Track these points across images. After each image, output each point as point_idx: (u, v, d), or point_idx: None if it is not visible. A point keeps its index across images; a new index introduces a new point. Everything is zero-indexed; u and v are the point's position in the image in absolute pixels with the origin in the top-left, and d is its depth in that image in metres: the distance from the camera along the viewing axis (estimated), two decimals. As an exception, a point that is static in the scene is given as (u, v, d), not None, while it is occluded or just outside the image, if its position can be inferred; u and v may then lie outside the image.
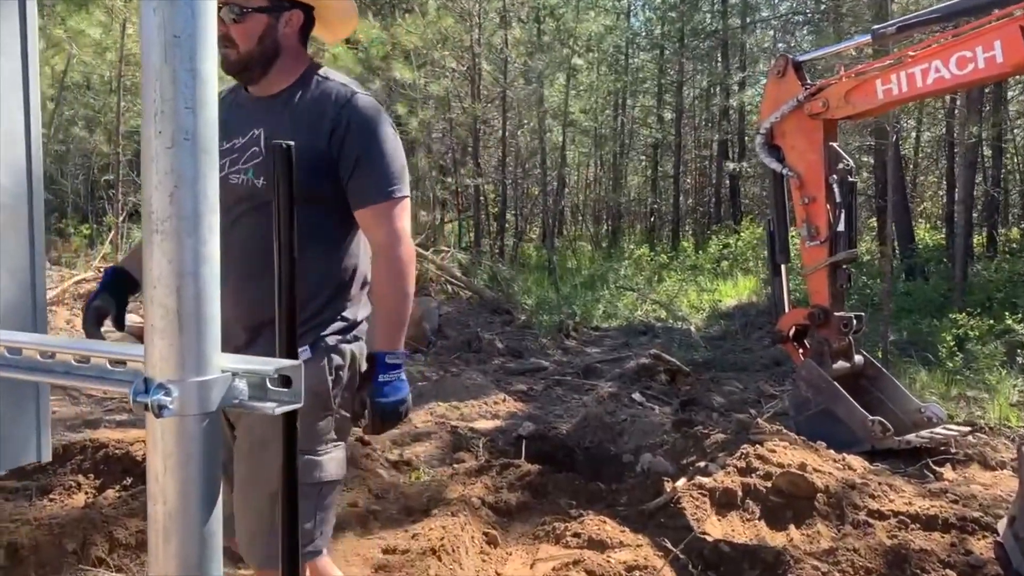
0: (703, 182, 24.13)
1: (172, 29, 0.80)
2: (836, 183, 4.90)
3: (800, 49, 17.50)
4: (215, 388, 0.85)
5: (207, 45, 0.82)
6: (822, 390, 4.90)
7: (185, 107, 0.80)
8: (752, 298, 11.92)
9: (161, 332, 0.83)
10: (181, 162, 0.81)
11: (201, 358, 0.84)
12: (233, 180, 1.97)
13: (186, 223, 0.82)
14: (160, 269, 0.82)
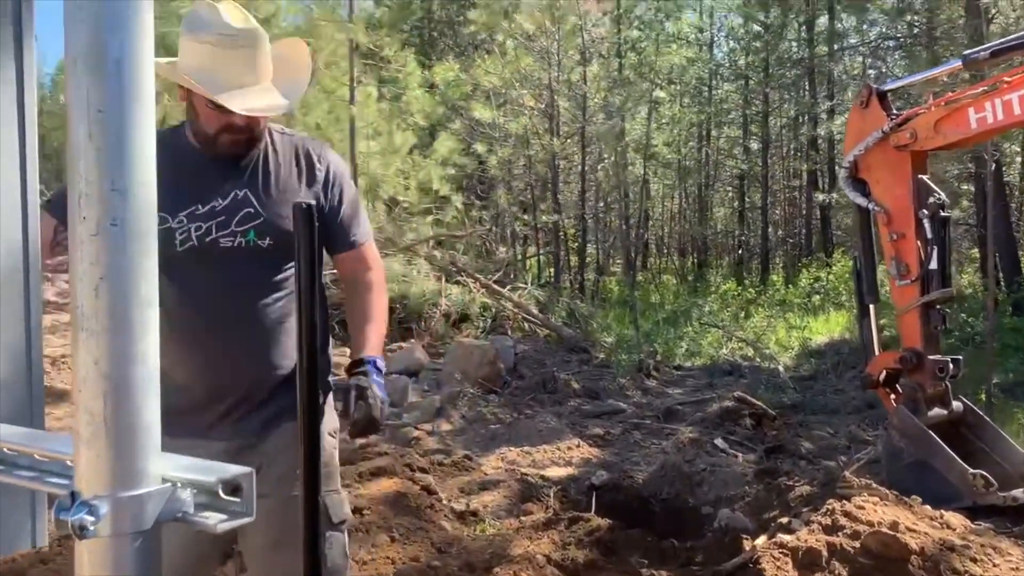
0: (793, 213, 23.49)
1: (97, 103, 0.72)
2: (927, 218, 4.60)
3: (892, 75, 16.91)
4: (151, 502, 0.75)
5: (139, 121, 0.73)
6: (916, 440, 4.56)
7: (112, 189, 0.72)
8: (845, 335, 11.39)
9: (88, 441, 0.74)
10: (108, 251, 0.72)
11: (134, 469, 0.74)
12: (225, 243, 1.97)
13: (115, 320, 0.73)
14: (86, 370, 0.73)
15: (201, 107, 1.94)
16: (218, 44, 1.89)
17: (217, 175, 2.02)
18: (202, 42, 1.89)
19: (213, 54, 1.88)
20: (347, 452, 5.14)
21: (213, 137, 1.97)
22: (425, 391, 7.38)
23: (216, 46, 1.89)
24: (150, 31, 0.74)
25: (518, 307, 10.14)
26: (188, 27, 1.92)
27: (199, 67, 1.88)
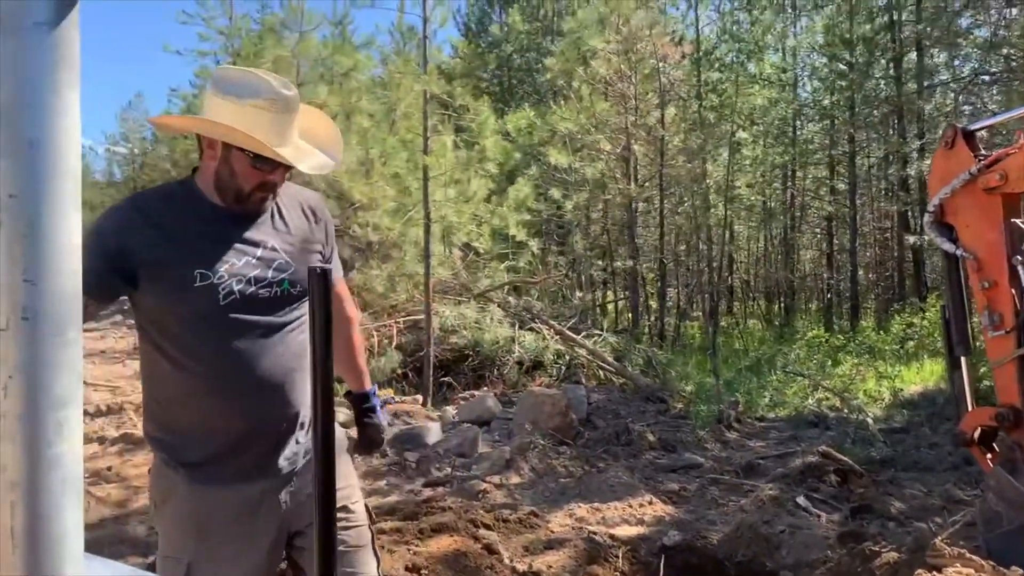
0: (884, 256, 22.64)
1: (8, 186, 0.66)
2: (1021, 265, 4.29)
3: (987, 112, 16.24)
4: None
5: (58, 205, 0.68)
6: (1016, 505, 4.20)
7: (24, 280, 0.66)
8: (940, 384, 10.78)
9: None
10: (18, 347, 0.66)
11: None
12: (263, 294, 2.09)
13: (25, 422, 0.67)
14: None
15: (241, 165, 2.03)
16: (267, 108, 2.01)
17: (244, 229, 2.12)
18: (251, 105, 2.00)
19: (259, 116, 2.00)
20: (410, 506, 5.07)
21: (247, 194, 2.07)
22: (496, 441, 7.28)
23: (264, 109, 2.01)
24: (74, 107, 0.68)
25: (593, 354, 9.98)
26: (229, 91, 2.01)
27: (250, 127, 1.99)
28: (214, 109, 2.03)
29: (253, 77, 2.05)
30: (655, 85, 15.72)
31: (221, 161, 2.05)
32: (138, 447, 7.09)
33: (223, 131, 2.01)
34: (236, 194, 2.07)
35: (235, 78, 2.06)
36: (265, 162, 2.03)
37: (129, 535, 5.06)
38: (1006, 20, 16.61)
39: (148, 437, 2.14)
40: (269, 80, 2.04)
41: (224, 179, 2.06)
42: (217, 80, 2.07)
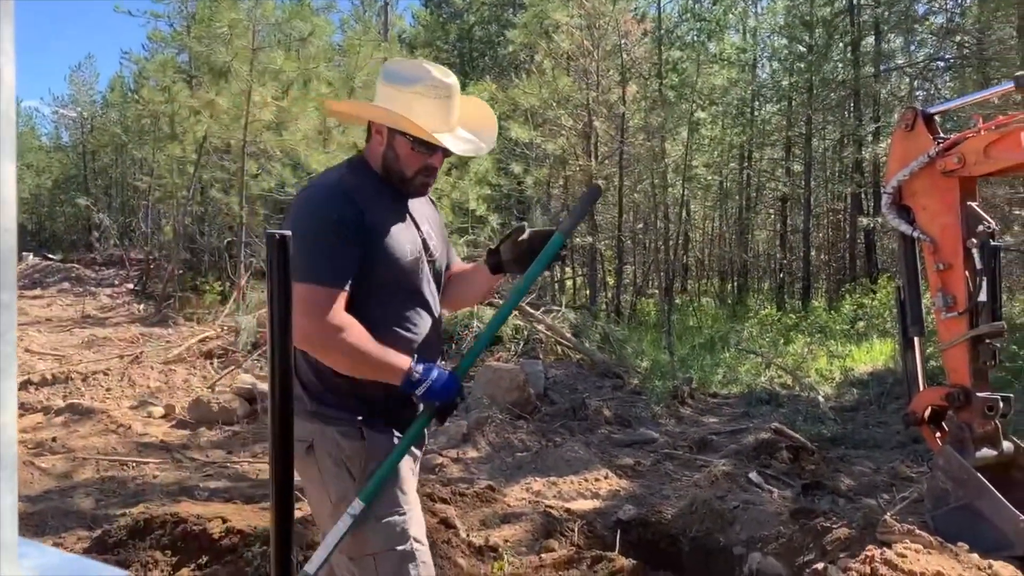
0: (836, 237, 23.02)
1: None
2: (975, 248, 4.35)
3: (940, 97, 16.52)
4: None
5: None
6: (963, 483, 4.29)
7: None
8: (889, 364, 11.02)
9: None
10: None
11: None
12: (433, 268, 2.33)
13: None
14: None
15: (403, 149, 2.19)
16: (426, 94, 2.16)
17: (411, 209, 2.31)
18: (412, 92, 2.15)
19: (419, 102, 2.15)
20: (366, 480, 5.02)
21: (410, 177, 2.22)
22: (453, 416, 7.24)
23: (424, 96, 2.16)
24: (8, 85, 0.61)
25: (551, 330, 9.98)
26: (393, 78, 2.19)
27: (410, 112, 2.13)
28: (380, 96, 2.21)
29: (415, 66, 2.22)
30: (617, 62, 15.67)
31: (387, 146, 2.20)
32: (84, 417, 6.93)
33: (381, 114, 2.16)
34: (400, 177, 2.22)
35: (399, 67, 2.24)
36: (424, 145, 2.16)
37: (75, 508, 4.93)
38: (961, 7, 16.86)
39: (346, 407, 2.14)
40: (429, 68, 2.20)
41: (390, 162, 2.21)
42: (385, 69, 2.24)
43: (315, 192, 2.17)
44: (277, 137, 11.92)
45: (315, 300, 2.01)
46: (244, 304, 10.41)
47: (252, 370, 8.87)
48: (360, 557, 2.10)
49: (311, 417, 2.12)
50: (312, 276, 2.02)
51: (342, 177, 2.20)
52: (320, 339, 2.03)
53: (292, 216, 2.12)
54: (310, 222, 2.07)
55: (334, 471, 2.12)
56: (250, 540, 3.73)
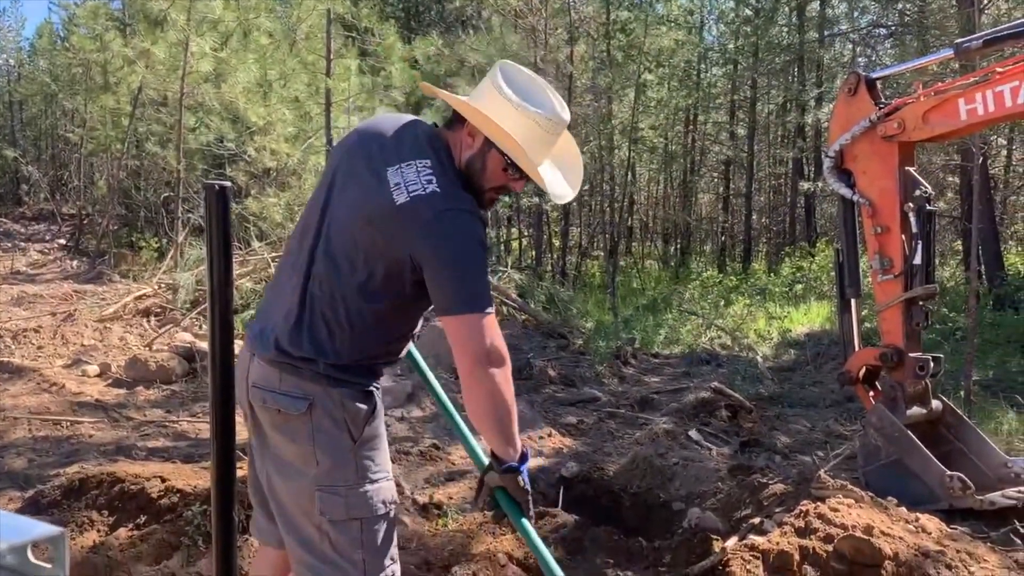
0: (777, 201, 23.41)
1: None
2: (912, 212, 4.46)
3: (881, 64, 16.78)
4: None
5: None
6: (894, 439, 4.45)
7: None
8: (825, 326, 11.32)
9: None
10: None
11: None
12: None
13: None
14: None
15: (494, 165, 2.09)
16: (541, 124, 2.08)
17: None
18: (529, 117, 2.06)
19: (532, 129, 2.06)
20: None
21: (484, 191, 2.13)
22: (397, 375, 7.21)
23: (539, 125, 2.08)
24: None
25: (496, 290, 9.98)
26: (515, 92, 2.07)
27: (521, 138, 2.04)
28: (492, 104, 2.07)
29: (540, 89, 2.13)
30: (565, 20, 15.53)
31: (477, 152, 2.10)
32: (15, 376, 6.72)
33: (496, 133, 2.04)
34: (477, 187, 2.11)
35: (522, 80, 2.12)
36: (516, 170, 2.08)
37: (5, 468, 4.79)
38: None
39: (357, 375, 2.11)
40: (553, 99, 2.12)
41: (474, 170, 2.11)
42: (505, 73, 2.11)
43: (467, 219, 2.03)
44: (216, 89, 11.56)
45: (491, 325, 1.97)
46: (182, 261, 10.16)
47: (191, 328, 8.69)
48: (346, 520, 2.04)
49: (316, 378, 2.05)
50: (486, 303, 1.98)
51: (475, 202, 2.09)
52: (499, 362, 1.98)
53: (448, 240, 2.00)
54: (475, 250, 2.01)
55: (333, 432, 2.05)
56: (190, 500, 3.67)
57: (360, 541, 2.06)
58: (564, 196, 2.22)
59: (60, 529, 0.62)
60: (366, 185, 2.08)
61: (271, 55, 11.06)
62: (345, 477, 2.05)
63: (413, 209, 1.99)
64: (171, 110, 15.31)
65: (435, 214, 1.98)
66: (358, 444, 2.07)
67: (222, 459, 1.12)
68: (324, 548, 2.06)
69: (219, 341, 1.06)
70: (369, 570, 2.07)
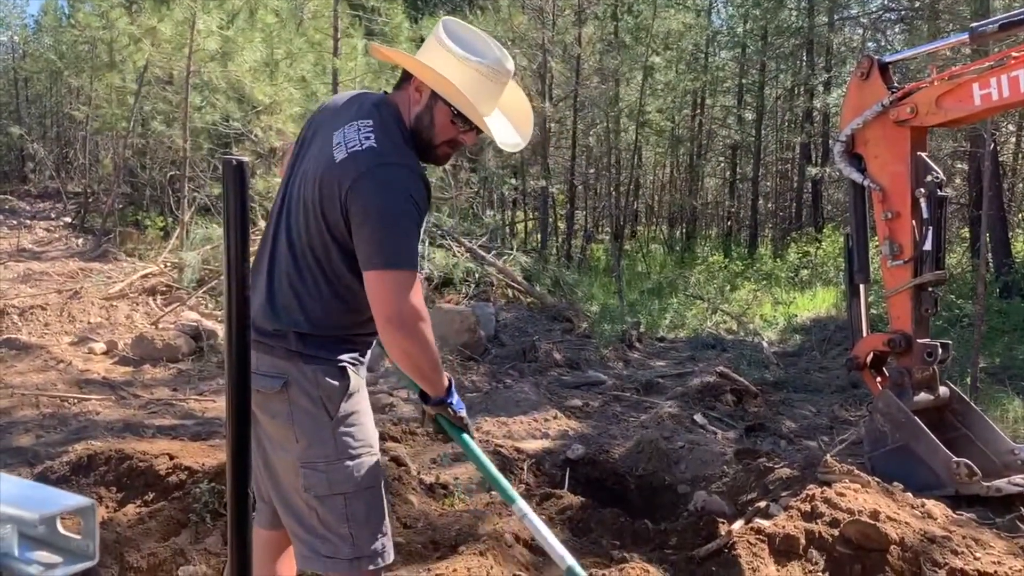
0: (784, 186, 23.29)
1: None
2: (923, 197, 4.43)
3: (891, 49, 16.65)
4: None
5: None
6: (901, 425, 4.44)
7: None
8: (831, 311, 11.29)
9: None
10: None
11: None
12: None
13: None
14: None
15: (443, 118, 2.12)
16: (485, 73, 2.10)
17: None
18: (471, 67, 2.08)
19: (475, 79, 2.09)
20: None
21: (436, 145, 2.16)
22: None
23: (482, 74, 2.10)
24: None
25: (502, 273, 9.97)
26: (455, 44, 2.10)
27: (465, 88, 2.05)
28: (436, 57, 2.09)
29: (481, 40, 2.15)
30: (573, 1, 15.42)
31: (424, 107, 2.12)
32: (22, 353, 6.74)
33: (439, 81, 2.05)
34: (427, 142, 2.14)
35: (463, 33, 2.14)
36: (464, 121, 2.10)
37: (14, 444, 4.82)
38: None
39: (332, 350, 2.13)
40: (494, 48, 2.14)
41: (423, 125, 2.13)
42: (448, 28, 2.13)
43: (400, 173, 2.06)
44: (222, 68, 11.51)
45: (409, 284, 1.99)
46: (188, 240, 10.15)
47: (197, 307, 8.71)
48: (330, 495, 2.08)
49: (289, 356, 2.09)
50: (406, 260, 2.00)
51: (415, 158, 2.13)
52: (411, 322, 2.00)
53: (376, 193, 2.02)
54: (404, 207, 2.02)
55: (310, 410, 2.08)
56: (198, 477, 3.69)
57: (345, 515, 2.09)
58: (513, 145, 2.23)
59: (90, 501, 0.62)
60: (317, 152, 2.15)
61: (278, 34, 10.99)
62: (325, 453, 2.08)
63: (348, 164, 2.04)
64: (177, 88, 15.23)
65: (367, 168, 2.02)
66: (335, 421, 2.10)
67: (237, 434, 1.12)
68: (313, 522, 2.10)
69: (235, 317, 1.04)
70: (358, 543, 2.10)
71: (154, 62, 12.83)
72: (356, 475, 2.10)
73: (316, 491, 2.08)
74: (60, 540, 0.63)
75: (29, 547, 0.61)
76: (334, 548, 2.09)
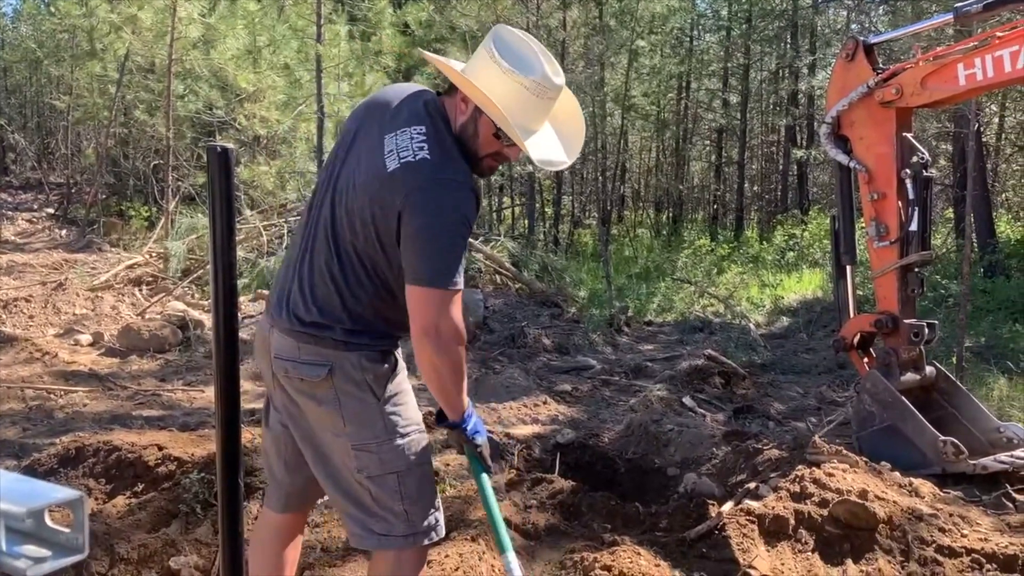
0: (769, 169, 23.35)
1: None
2: (909, 178, 4.44)
3: (876, 30, 16.65)
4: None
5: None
6: (888, 405, 4.47)
7: None
8: (818, 293, 11.35)
9: None
10: None
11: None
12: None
13: None
14: None
15: (486, 132, 2.09)
16: (531, 90, 2.04)
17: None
18: (517, 81, 2.02)
19: (521, 95, 2.03)
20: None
21: (480, 158, 2.13)
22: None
23: (528, 90, 2.04)
24: None
25: (490, 259, 9.95)
26: (504, 57, 2.03)
27: (508, 104, 2.01)
28: (482, 68, 2.05)
29: (531, 52, 2.07)
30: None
31: (469, 118, 2.10)
32: (7, 345, 6.69)
33: (481, 99, 2.02)
34: (472, 153, 2.11)
35: (514, 44, 2.07)
36: (507, 137, 2.07)
37: (1, 437, 4.78)
38: (899, -60, 16.89)
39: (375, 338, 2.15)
40: (543, 63, 2.06)
41: (467, 136, 2.11)
42: (498, 38, 2.07)
43: (454, 190, 2.04)
44: (204, 56, 11.41)
45: (450, 301, 2.00)
46: (173, 230, 10.09)
47: (183, 297, 8.66)
48: (382, 475, 2.12)
49: (333, 344, 2.10)
50: (451, 279, 2.00)
51: (469, 172, 2.10)
52: (446, 338, 2.02)
53: (429, 210, 2.01)
54: (453, 226, 2.02)
55: (356, 394, 2.11)
56: (187, 468, 3.67)
57: (399, 493, 2.13)
58: (553, 164, 2.20)
59: (79, 493, 0.61)
60: (367, 153, 2.12)
61: (260, 21, 10.91)
62: (375, 434, 2.12)
63: (402, 176, 2.02)
64: (159, 77, 15.08)
65: (421, 183, 2.01)
66: (382, 402, 2.13)
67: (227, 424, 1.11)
68: (367, 502, 2.14)
69: (223, 305, 1.03)
70: (413, 519, 2.15)
71: (135, 50, 12.70)
72: (407, 453, 2.14)
73: (369, 471, 2.12)
74: (48, 533, 0.62)
75: (16, 541, 0.60)
76: (388, 526, 2.14)
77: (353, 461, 2.13)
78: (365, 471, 2.12)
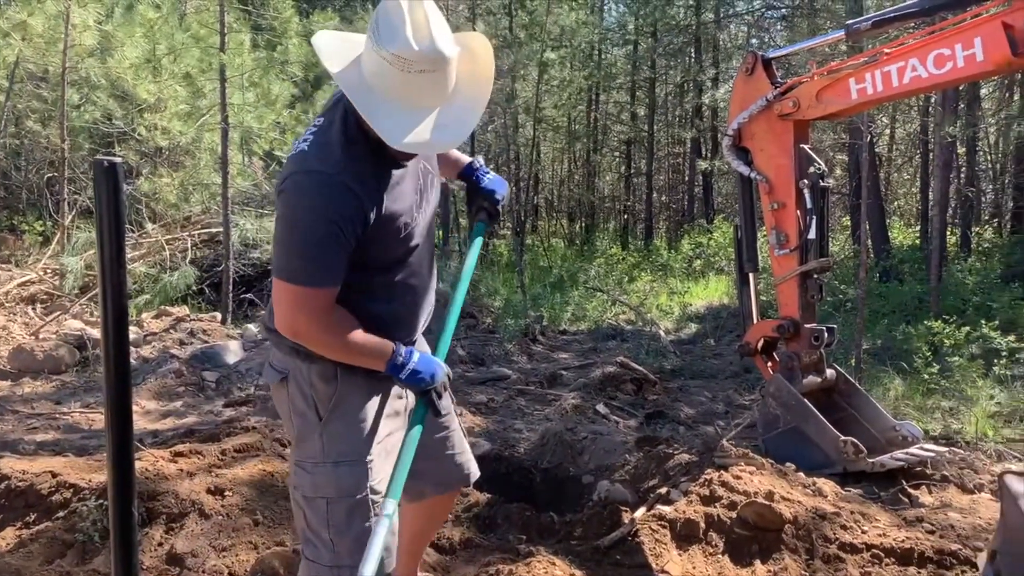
0: (676, 180, 23.93)
1: None
2: (807, 188, 4.62)
3: (774, 45, 17.30)
4: None
5: None
6: (791, 408, 4.62)
7: None
8: (724, 300, 11.68)
9: None
10: None
11: None
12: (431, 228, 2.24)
13: None
14: None
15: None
16: (397, 65, 1.80)
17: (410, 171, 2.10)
18: (382, 57, 1.81)
19: (388, 72, 1.81)
20: (211, 427, 4.82)
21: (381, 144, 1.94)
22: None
23: (393, 65, 1.80)
24: None
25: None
26: (373, 29, 1.82)
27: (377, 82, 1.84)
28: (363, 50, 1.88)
29: (400, 22, 1.79)
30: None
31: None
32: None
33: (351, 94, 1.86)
34: (376, 140, 1.92)
35: (390, 14, 1.81)
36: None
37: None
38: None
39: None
40: (408, 33, 1.78)
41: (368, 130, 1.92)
42: (380, 8, 1.84)
43: (313, 183, 1.90)
44: (101, 64, 10.97)
45: (304, 299, 1.92)
46: (69, 245, 9.65)
47: (81, 315, 8.29)
48: (313, 498, 2.05)
49: (291, 352, 2.07)
50: (302, 276, 1.91)
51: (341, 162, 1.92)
52: (306, 337, 1.98)
53: (285, 202, 1.93)
54: (306, 219, 1.89)
55: (302, 408, 2.07)
56: (84, 494, 3.50)
57: (327, 521, 2.04)
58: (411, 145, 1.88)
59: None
60: None
61: (160, 29, 10.56)
62: (312, 454, 2.06)
63: (282, 168, 2.04)
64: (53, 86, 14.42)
65: (287, 174, 1.97)
66: (324, 423, 2.06)
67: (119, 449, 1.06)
68: (301, 522, 2.10)
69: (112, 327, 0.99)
70: (339, 551, 2.05)
71: (26, 58, 12.11)
72: (339, 482, 2.04)
73: (303, 491, 2.07)
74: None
75: None
76: (316, 552, 2.08)
77: (293, 476, 2.10)
78: (300, 489, 2.08)
